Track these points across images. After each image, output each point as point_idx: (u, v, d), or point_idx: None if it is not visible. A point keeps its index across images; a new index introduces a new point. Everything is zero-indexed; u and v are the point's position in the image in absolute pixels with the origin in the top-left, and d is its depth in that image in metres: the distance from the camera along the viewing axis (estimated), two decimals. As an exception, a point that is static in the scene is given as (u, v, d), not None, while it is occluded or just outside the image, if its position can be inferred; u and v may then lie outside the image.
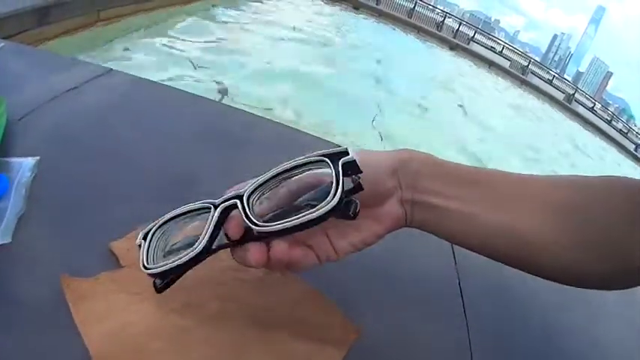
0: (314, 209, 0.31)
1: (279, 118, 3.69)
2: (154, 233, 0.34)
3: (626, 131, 18.73)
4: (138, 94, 0.69)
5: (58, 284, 0.35)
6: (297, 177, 0.34)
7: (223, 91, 3.91)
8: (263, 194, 0.34)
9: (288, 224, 0.31)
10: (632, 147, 16.18)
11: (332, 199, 0.31)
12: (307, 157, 0.33)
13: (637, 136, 19.51)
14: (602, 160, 11.03)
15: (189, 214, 0.34)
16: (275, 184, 0.34)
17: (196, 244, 0.32)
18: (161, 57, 4.05)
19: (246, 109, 0.76)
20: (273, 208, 0.34)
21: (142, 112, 0.65)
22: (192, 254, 0.31)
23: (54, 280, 0.36)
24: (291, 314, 0.40)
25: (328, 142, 0.75)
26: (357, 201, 0.32)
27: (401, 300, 0.48)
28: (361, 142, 4.16)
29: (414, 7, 16.84)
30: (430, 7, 21.82)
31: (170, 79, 3.61)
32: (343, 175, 0.31)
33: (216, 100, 3.59)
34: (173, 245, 0.34)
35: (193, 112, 0.70)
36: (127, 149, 0.55)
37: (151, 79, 0.76)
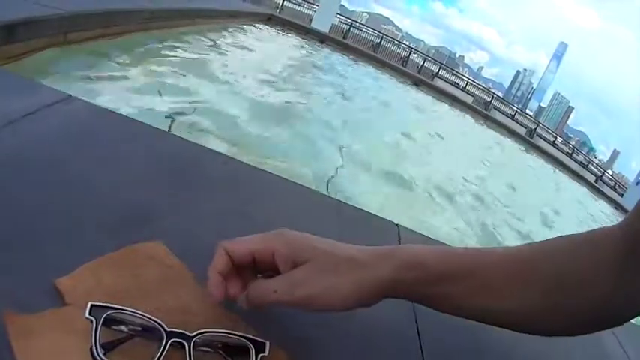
0: None
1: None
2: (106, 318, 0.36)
3: (586, 164, 19.28)
4: (96, 123, 0.69)
5: (0, 320, 0.34)
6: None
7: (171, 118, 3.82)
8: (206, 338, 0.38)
9: None
10: (592, 179, 16.60)
11: None
12: (237, 337, 0.38)
13: (597, 168, 20.08)
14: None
15: (140, 321, 0.37)
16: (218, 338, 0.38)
17: None
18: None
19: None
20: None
21: (99, 142, 0.65)
22: None
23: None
24: None
25: (285, 179, 0.78)
26: None
27: (358, 350, 0.48)
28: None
29: (380, 41, 17.18)
30: (396, 42, 22.34)
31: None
32: None
33: (166, 125, 3.55)
34: (121, 328, 0.37)
35: (150, 144, 0.70)
36: (79, 181, 0.54)
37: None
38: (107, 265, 0.42)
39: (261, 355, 0.38)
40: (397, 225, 0.78)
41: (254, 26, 10.23)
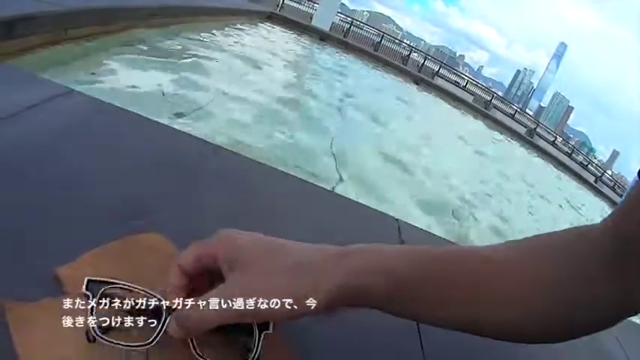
0: None
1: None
2: (103, 293, 0.35)
3: (586, 164, 19.27)
4: (96, 117, 0.69)
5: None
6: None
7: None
8: None
9: None
10: (592, 179, 16.59)
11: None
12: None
13: (597, 169, 20.07)
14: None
15: (139, 297, 0.36)
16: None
17: (145, 342, 0.34)
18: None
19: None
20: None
21: (99, 136, 0.65)
22: (141, 345, 0.34)
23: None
24: None
25: (285, 173, 0.78)
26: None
27: (358, 343, 0.47)
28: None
29: (381, 40, 17.18)
30: (397, 41, 22.34)
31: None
32: (260, 343, 0.37)
33: (172, 117, 3.56)
34: (118, 306, 0.36)
35: (151, 138, 0.70)
36: (79, 173, 0.54)
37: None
38: (107, 255, 0.42)
39: (265, 332, 0.37)
40: (397, 220, 0.78)
41: (254, 24, 10.23)
